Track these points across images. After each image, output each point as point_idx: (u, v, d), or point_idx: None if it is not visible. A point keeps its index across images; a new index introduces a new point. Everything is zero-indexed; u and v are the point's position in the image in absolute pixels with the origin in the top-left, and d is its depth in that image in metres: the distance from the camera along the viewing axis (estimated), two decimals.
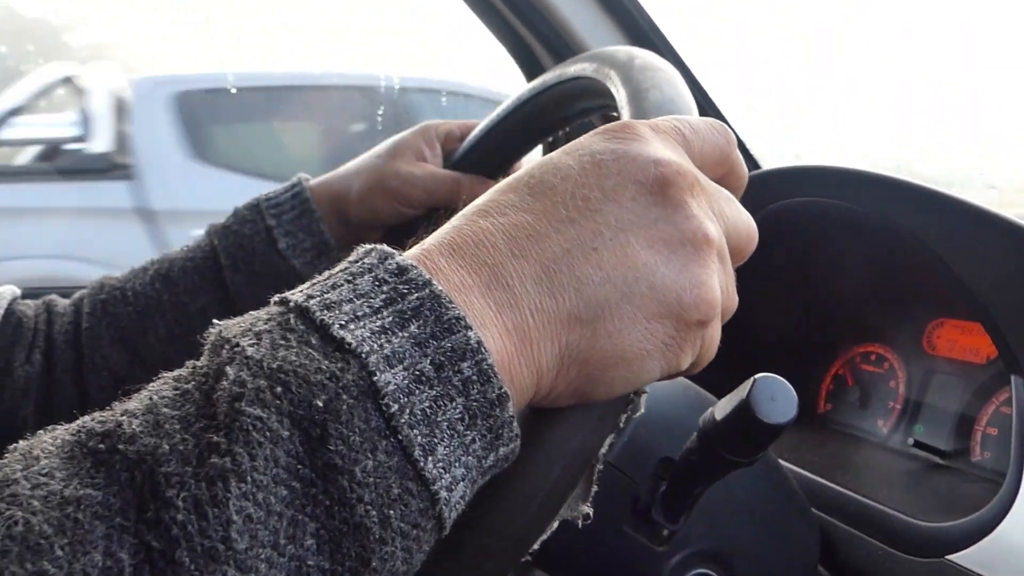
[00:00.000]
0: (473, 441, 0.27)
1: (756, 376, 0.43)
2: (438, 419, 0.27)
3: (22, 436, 0.26)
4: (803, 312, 0.82)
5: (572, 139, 0.34)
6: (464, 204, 0.33)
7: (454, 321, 0.27)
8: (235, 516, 0.23)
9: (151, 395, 0.26)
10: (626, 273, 0.30)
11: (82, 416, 0.26)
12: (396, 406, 0.26)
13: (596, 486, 0.38)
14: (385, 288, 0.28)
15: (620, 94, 0.45)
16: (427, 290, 0.28)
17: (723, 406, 0.45)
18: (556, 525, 0.35)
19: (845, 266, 0.77)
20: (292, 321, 0.27)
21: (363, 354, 0.26)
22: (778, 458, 0.62)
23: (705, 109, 0.90)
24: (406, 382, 0.26)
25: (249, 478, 0.24)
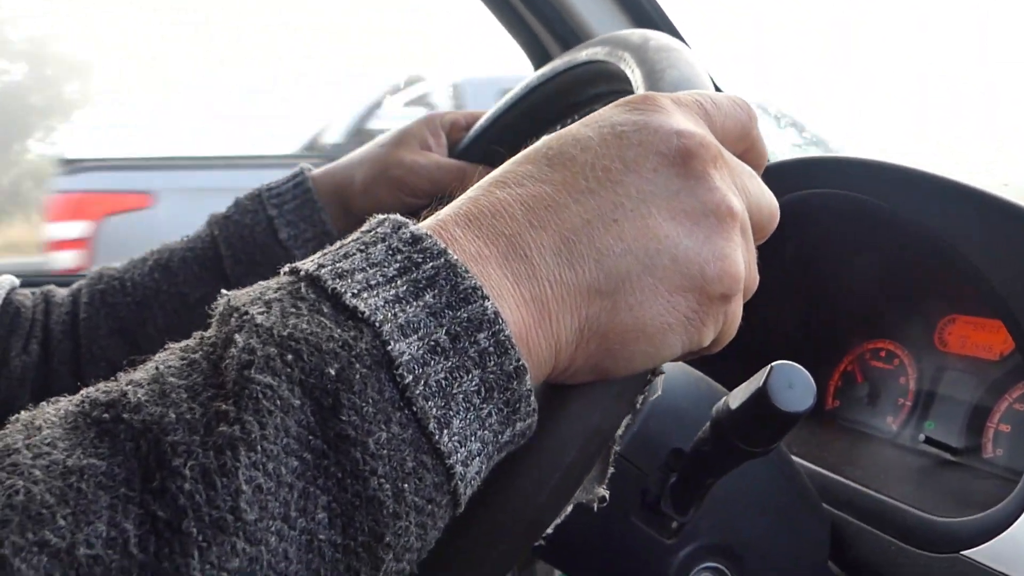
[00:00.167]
0: (489, 415, 0.27)
1: (773, 364, 0.42)
2: (454, 391, 0.26)
3: None
4: (812, 306, 0.81)
5: None
6: None
7: (470, 291, 0.27)
8: (244, 486, 0.22)
9: (157, 365, 0.25)
10: (648, 245, 0.29)
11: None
12: (411, 377, 0.25)
13: (612, 467, 0.37)
14: (399, 257, 0.27)
15: (635, 75, 0.44)
16: (442, 259, 0.27)
17: (738, 395, 0.44)
18: (570, 509, 0.34)
19: (856, 260, 0.76)
20: (303, 290, 0.26)
21: (376, 323, 0.25)
22: (789, 453, 0.61)
23: None
24: (421, 352, 0.25)
25: (259, 447, 0.23)
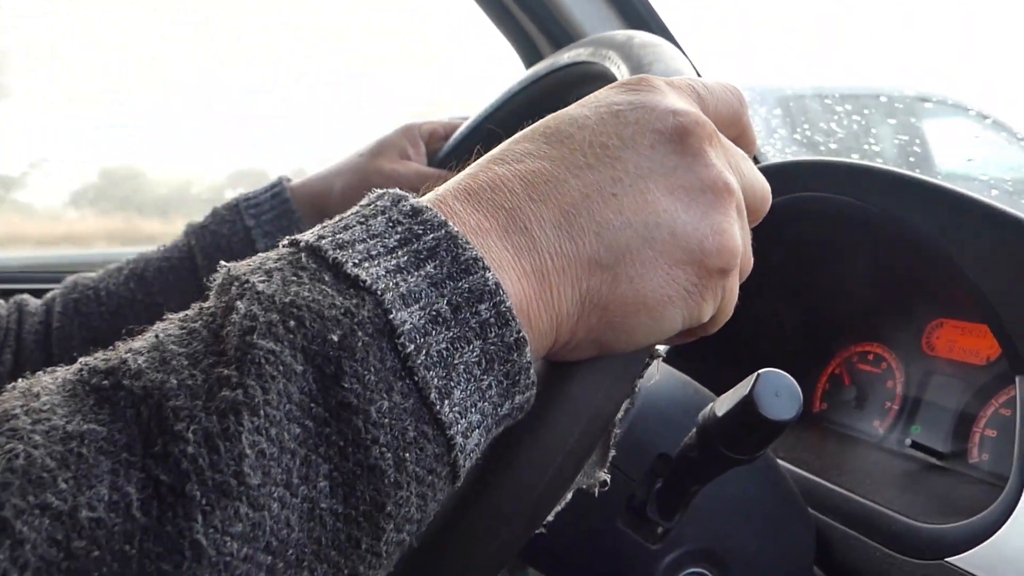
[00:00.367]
0: (489, 387, 0.27)
1: (760, 371, 0.42)
2: (455, 362, 0.26)
3: None
4: (801, 309, 0.81)
5: None
6: None
7: (471, 262, 0.27)
8: (248, 450, 0.22)
9: (156, 333, 0.25)
10: (647, 219, 0.29)
11: None
12: (412, 346, 0.25)
13: (614, 451, 0.37)
14: (399, 229, 0.27)
15: (621, 71, 0.44)
16: (443, 231, 0.27)
17: (724, 402, 0.44)
18: (570, 496, 0.34)
19: (845, 263, 0.76)
20: (304, 260, 0.26)
21: (378, 291, 0.25)
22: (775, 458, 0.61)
23: None
24: (422, 322, 0.25)
25: (262, 412, 0.23)
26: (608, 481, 0.38)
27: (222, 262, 0.28)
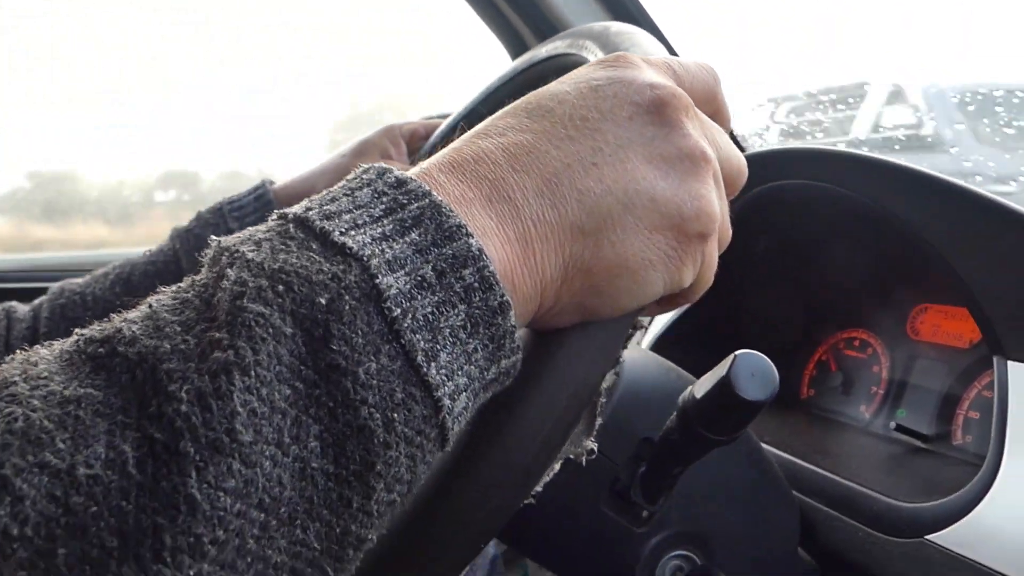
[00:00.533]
0: (475, 350, 0.27)
1: (737, 352, 0.42)
2: (440, 325, 0.26)
3: None
4: (787, 296, 0.82)
5: None
6: None
7: (455, 229, 0.27)
8: (240, 408, 0.23)
9: (150, 303, 0.26)
10: (627, 186, 0.30)
11: None
12: (399, 310, 0.26)
13: (600, 419, 0.37)
14: (384, 199, 0.28)
15: (599, 57, 0.45)
16: (427, 200, 0.28)
17: (703, 384, 0.44)
18: (558, 467, 0.35)
19: (829, 251, 0.76)
20: (292, 230, 0.27)
21: (365, 257, 0.26)
22: (759, 442, 0.61)
23: None
24: (408, 287, 0.26)
25: (253, 372, 0.23)
26: (595, 449, 0.38)
27: (212, 236, 0.29)
